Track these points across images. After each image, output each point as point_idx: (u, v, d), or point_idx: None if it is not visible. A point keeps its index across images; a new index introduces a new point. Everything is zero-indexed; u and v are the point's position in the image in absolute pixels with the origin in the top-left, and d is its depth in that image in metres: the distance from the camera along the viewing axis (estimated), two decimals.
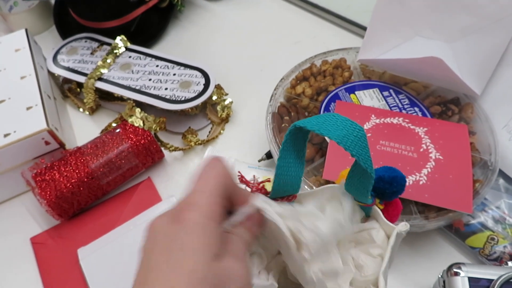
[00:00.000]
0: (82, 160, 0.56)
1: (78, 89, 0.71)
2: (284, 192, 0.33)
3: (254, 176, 0.36)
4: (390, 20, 0.55)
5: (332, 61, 0.61)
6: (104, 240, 0.53)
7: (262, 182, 0.35)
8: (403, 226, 0.31)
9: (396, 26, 0.55)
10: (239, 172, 0.36)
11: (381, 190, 0.32)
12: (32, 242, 0.56)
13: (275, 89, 0.58)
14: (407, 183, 0.46)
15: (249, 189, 0.35)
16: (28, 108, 0.58)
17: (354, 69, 0.60)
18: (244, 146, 0.62)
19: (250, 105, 0.67)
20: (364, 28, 0.72)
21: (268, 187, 0.34)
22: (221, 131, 0.65)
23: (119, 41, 0.71)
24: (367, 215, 0.34)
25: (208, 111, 0.65)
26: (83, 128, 0.68)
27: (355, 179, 0.30)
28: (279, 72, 0.61)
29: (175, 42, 0.78)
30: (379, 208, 0.33)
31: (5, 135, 0.55)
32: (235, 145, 0.63)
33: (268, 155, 0.58)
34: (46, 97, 0.61)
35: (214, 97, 0.65)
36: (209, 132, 0.65)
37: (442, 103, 0.55)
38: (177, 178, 0.61)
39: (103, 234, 0.54)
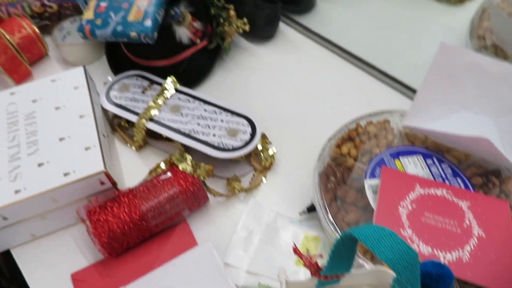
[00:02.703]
0: (134, 202, 0.59)
1: (127, 125, 0.74)
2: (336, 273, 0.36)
3: (307, 250, 0.39)
4: (438, 92, 0.57)
5: (376, 123, 0.63)
6: (141, 283, 0.54)
7: (313, 256, 0.37)
8: None
9: (443, 98, 0.57)
10: (294, 244, 0.39)
11: (426, 286, 0.34)
12: (73, 279, 0.58)
13: (322, 149, 0.61)
14: (450, 259, 0.48)
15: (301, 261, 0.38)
16: (86, 149, 0.61)
17: (398, 131, 0.63)
18: (286, 197, 0.65)
19: (293, 155, 0.70)
20: (405, 86, 0.74)
21: (320, 261, 0.37)
22: (263, 180, 0.67)
23: (170, 82, 0.74)
24: None
25: (252, 158, 0.68)
26: (130, 164, 0.71)
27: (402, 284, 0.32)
28: (322, 124, 0.64)
29: (220, 83, 0.81)
30: None
31: (65, 174, 0.58)
32: (276, 195, 0.65)
33: (310, 209, 0.60)
34: (102, 136, 0.64)
35: (259, 147, 0.68)
36: (251, 179, 0.67)
37: (484, 174, 0.57)
38: (218, 223, 0.63)
39: (141, 274, 0.56)
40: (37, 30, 0.86)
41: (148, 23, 0.68)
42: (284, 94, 0.78)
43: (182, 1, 0.73)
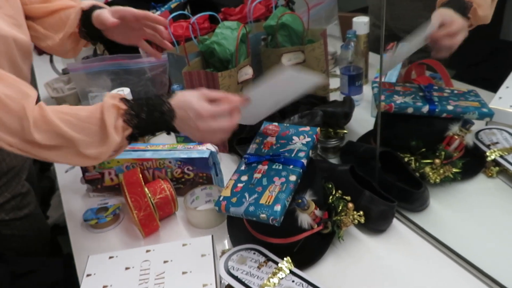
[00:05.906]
0: None
1: None
2: None
3: None
4: None
5: None
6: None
7: None
8: None
9: None
10: None
11: None
12: None
13: None
14: None
15: None
16: None
17: None
18: None
19: None
20: None
21: None
22: None
23: (285, 263, 0.78)
24: None
25: None
26: None
27: None
28: None
29: (330, 269, 0.83)
30: None
31: None
32: None
33: None
34: None
35: None
36: None
37: None
38: None
39: None
40: (174, 193, 0.99)
41: (278, 208, 0.75)
42: None
43: (308, 190, 0.81)
